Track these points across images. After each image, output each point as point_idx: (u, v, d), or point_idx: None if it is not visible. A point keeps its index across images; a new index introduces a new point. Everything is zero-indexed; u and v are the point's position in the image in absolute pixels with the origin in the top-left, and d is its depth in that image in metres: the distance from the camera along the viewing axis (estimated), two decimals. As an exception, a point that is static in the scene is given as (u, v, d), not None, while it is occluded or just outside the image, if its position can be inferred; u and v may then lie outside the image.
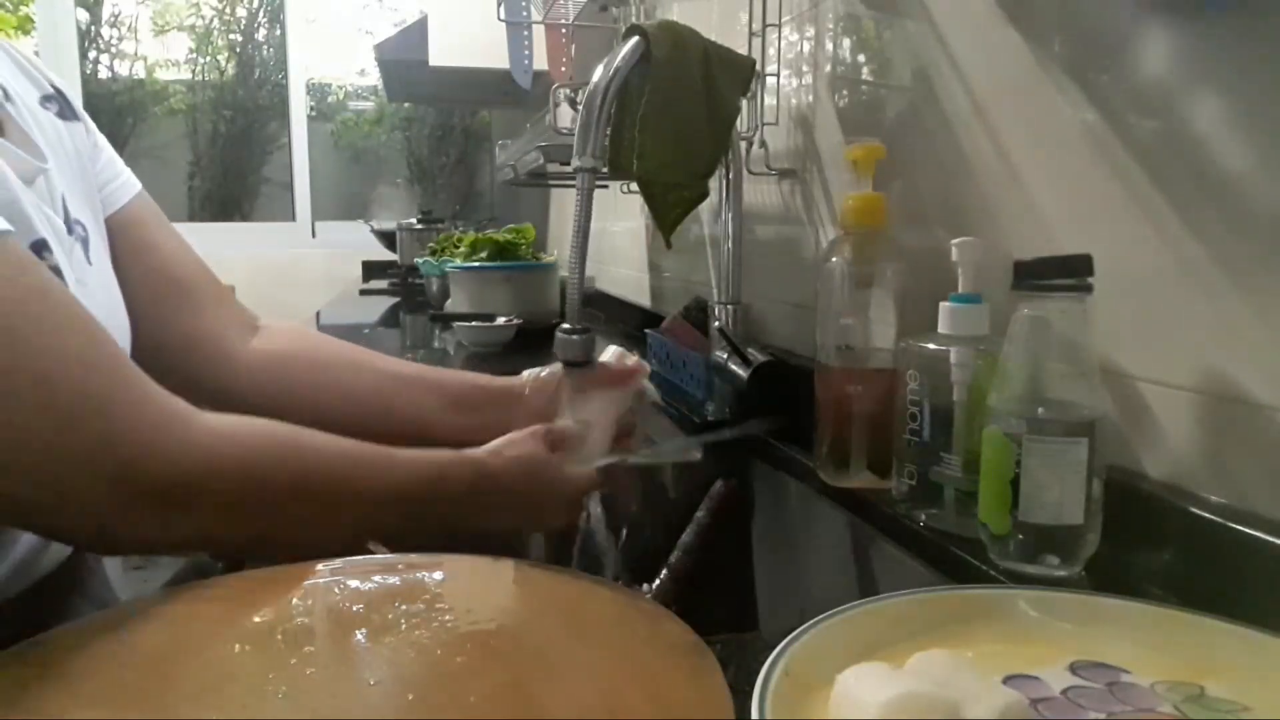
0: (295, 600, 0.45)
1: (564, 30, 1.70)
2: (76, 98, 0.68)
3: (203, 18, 4.49)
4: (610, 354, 0.75)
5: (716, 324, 0.97)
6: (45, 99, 0.63)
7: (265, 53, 4.50)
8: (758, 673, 0.34)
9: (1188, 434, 0.50)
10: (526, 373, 0.76)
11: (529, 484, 0.60)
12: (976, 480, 0.52)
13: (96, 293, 0.59)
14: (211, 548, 0.49)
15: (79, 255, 0.58)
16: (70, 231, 0.58)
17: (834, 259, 0.69)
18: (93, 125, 0.69)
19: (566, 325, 0.71)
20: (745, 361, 0.89)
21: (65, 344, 0.44)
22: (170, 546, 0.50)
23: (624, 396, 0.72)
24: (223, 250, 3.84)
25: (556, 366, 0.74)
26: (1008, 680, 0.36)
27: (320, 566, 0.50)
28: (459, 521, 0.58)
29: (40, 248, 0.52)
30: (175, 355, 0.70)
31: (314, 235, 4.04)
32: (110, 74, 4.29)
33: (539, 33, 1.87)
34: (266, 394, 0.72)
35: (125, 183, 0.70)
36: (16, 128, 0.57)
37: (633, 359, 0.74)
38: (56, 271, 0.52)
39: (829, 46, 0.90)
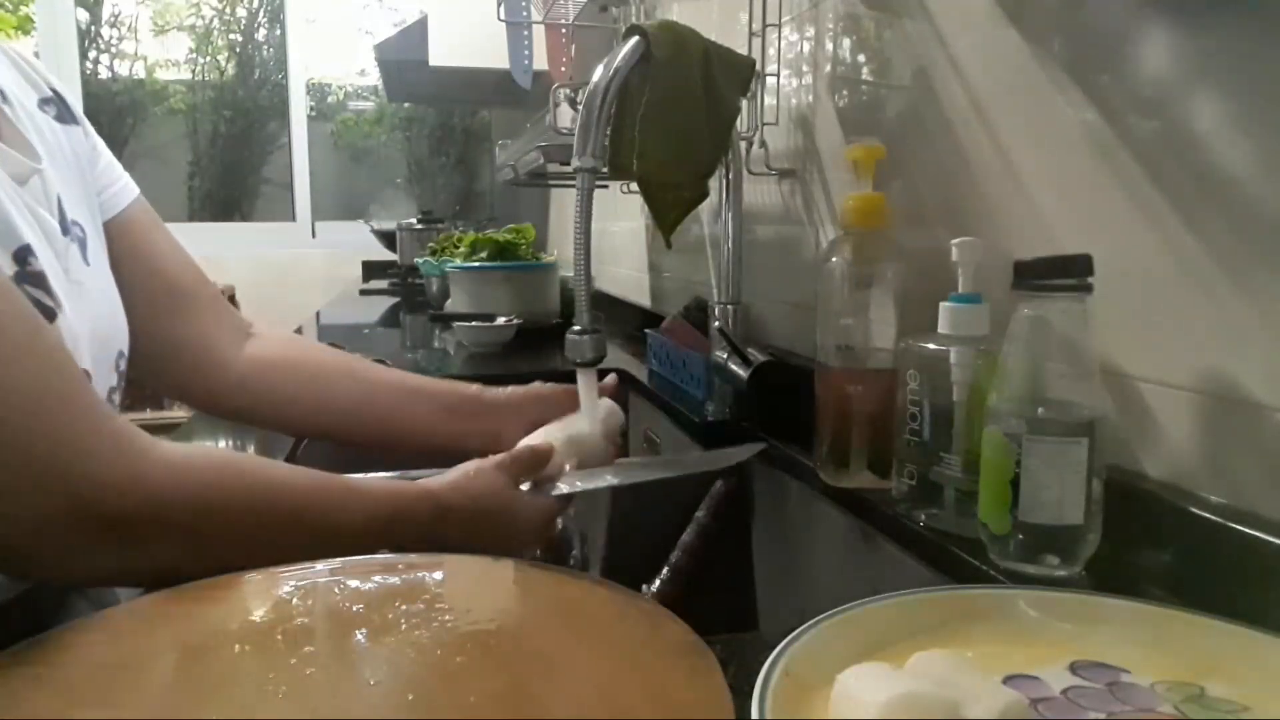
0: (295, 600, 0.45)
1: (564, 30, 1.70)
2: (76, 101, 0.68)
3: (203, 18, 4.49)
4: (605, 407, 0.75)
5: (716, 324, 0.97)
6: (44, 102, 0.63)
7: (265, 53, 4.50)
8: (758, 673, 0.34)
9: (1188, 434, 0.50)
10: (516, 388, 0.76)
11: (490, 520, 0.60)
12: (976, 480, 0.52)
13: (93, 293, 0.59)
14: (171, 580, 0.47)
15: (75, 256, 0.58)
16: (66, 232, 0.58)
17: (834, 259, 0.69)
18: (91, 129, 0.69)
19: (576, 326, 0.71)
20: (745, 361, 0.89)
21: (14, 377, 0.43)
22: (128, 578, 0.49)
23: (607, 416, 0.72)
24: (223, 250, 3.87)
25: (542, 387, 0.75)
26: (1008, 680, 0.36)
27: (320, 566, 0.50)
28: (423, 548, 0.57)
29: (25, 253, 0.51)
30: (168, 361, 0.70)
31: (314, 235, 4.05)
32: (110, 74, 4.29)
33: (539, 33, 1.87)
34: (258, 401, 0.73)
35: (124, 187, 0.70)
36: (13, 129, 0.57)
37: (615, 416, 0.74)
38: (39, 278, 0.51)
39: (829, 46, 0.90)
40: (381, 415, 0.74)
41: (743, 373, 0.89)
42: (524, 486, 0.63)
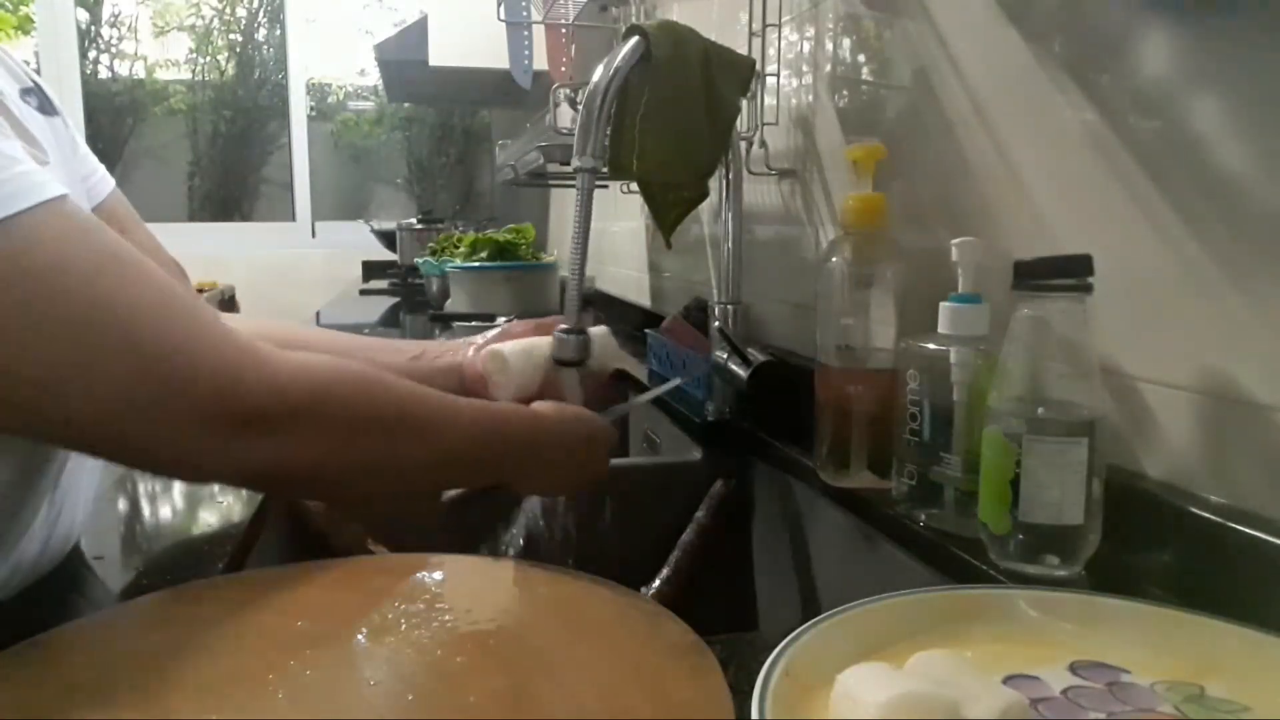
0: (296, 601, 0.45)
1: (564, 30, 1.70)
2: (53, 91, 0.68)
3: (203, 18, 4.49)
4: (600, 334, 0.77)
5: (716, 324, 0.97)
6: (25, 92, 0.63)
7: (265, 53, 4.50)
8: (758, 673, 0.34)
9: (1188, 434, 0.50)
10: (473, 344, 0.77)
11: (578, 439, 0.63)
12: (976, 480, 0.52)
13: None
14: (311, 479, 0.51)
15: None
16: None
17: (834, 259, 0.69)
18: (69, 119, 0.69)
19: (564, 326, 0.71)
20: (745, 361, 0.89)
21: (142, 296, 0.46)
22: (268, 476, 0.51)
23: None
24: (223, 250, 3.87)
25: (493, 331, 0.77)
26: (1008, 680, 0.36)
27: (320, 566, 0.50)
28: (517, 470, 0.60)
29: None
30: None
31: (314, 235, 4.05)
32: (110, 74, 4.29)
33: (539, 33, 1.87)
34: None
35: (102, 178, 0.71)
36: (19, 125, 0.58)
37: (609, 346, 0.77)
38: None
39: (829, 46, 0.90)
40: None
41: (743, 373, 0.89)
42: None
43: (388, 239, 3.19)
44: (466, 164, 4.66)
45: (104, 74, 4.26)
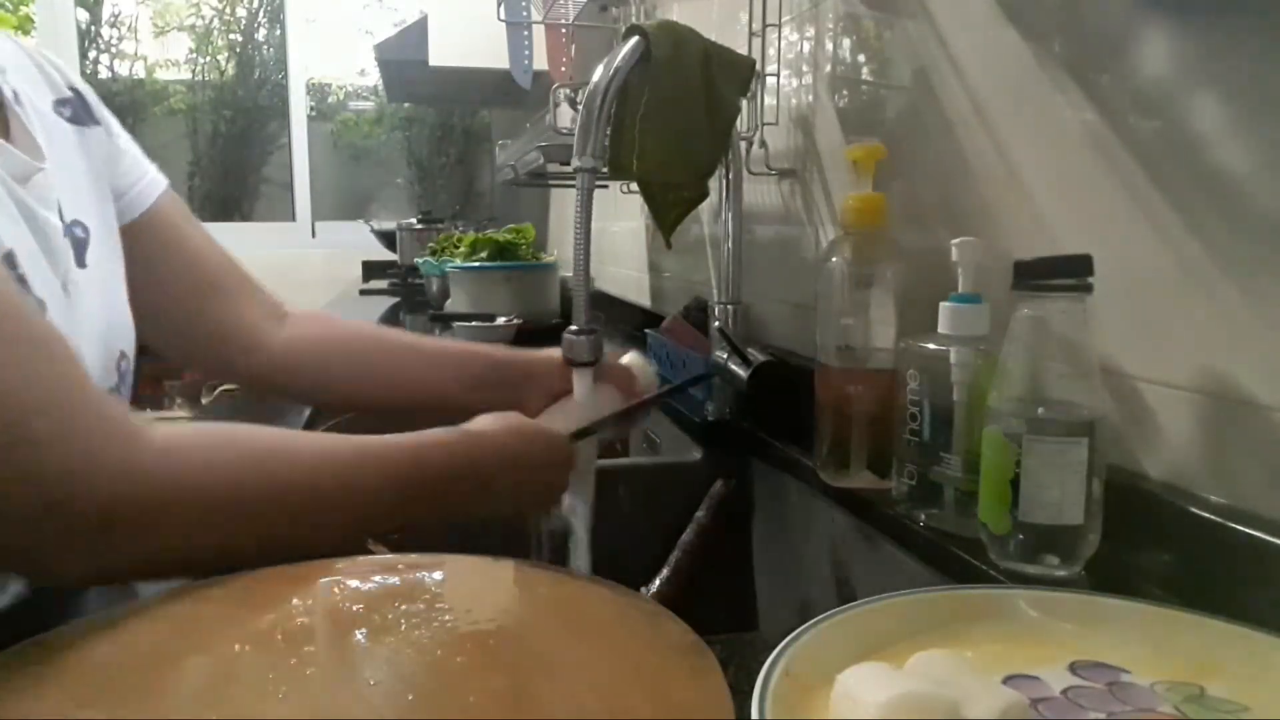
0: (295, 600, 0.45)
1: (564, 30, 1.70)
2: (98, 100, 0.68)
3: (203, 18, 4.49)
4: (631, 359, 0.77)
5: (716, 324, 0.97)
6: (60, 103, 0.64)
7: (265, 53, 4.50)
8: (758, 673, 0.34)
9: (1188, 434, 0.50)
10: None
11: (512, 459, 0.59)
12: (976, 480, 0.52)
13: (87, 295, 0.59)
14: (179, 570, 0.46)
15: (69, 257, 0.58)
16: (66, 233, 0.58)
17: (834, 259, 0.69)
18: (116, 128, 0.70)
19: (574, 326, 0.71)
20: (745, 361, 0.89)
21: None
22: (138, 573, 0.47)
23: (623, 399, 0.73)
24: (223, 250, 3.83)
25: (631, 357, 0.78)
26: (1008, 680, 0.36)
27: (320, 566, 0.50)
28: (458, 498, 0.56)
29: (10, 259, 0.50)
30: (210, 347, 0.74)
31: (314, 235, 4.05)
32: (110, 74, 4.29)
33: (539, 33, 1.87)
34: (298, 379, 0.76)
35: (151, 180, 0.71)
36: (22, 128, 0.58)
37: (645, 375, 0.77)
38: (21, 280, 0.50)
39: (829, 46, 0.90)
40: (411, 387, 0.77)
41: (743, 373, 0.89)
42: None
43: (388, 239, 3.19)
44: (466, 164, 4.66)
45: (104, 74, 4.26)
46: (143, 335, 0.67)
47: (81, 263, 0.59)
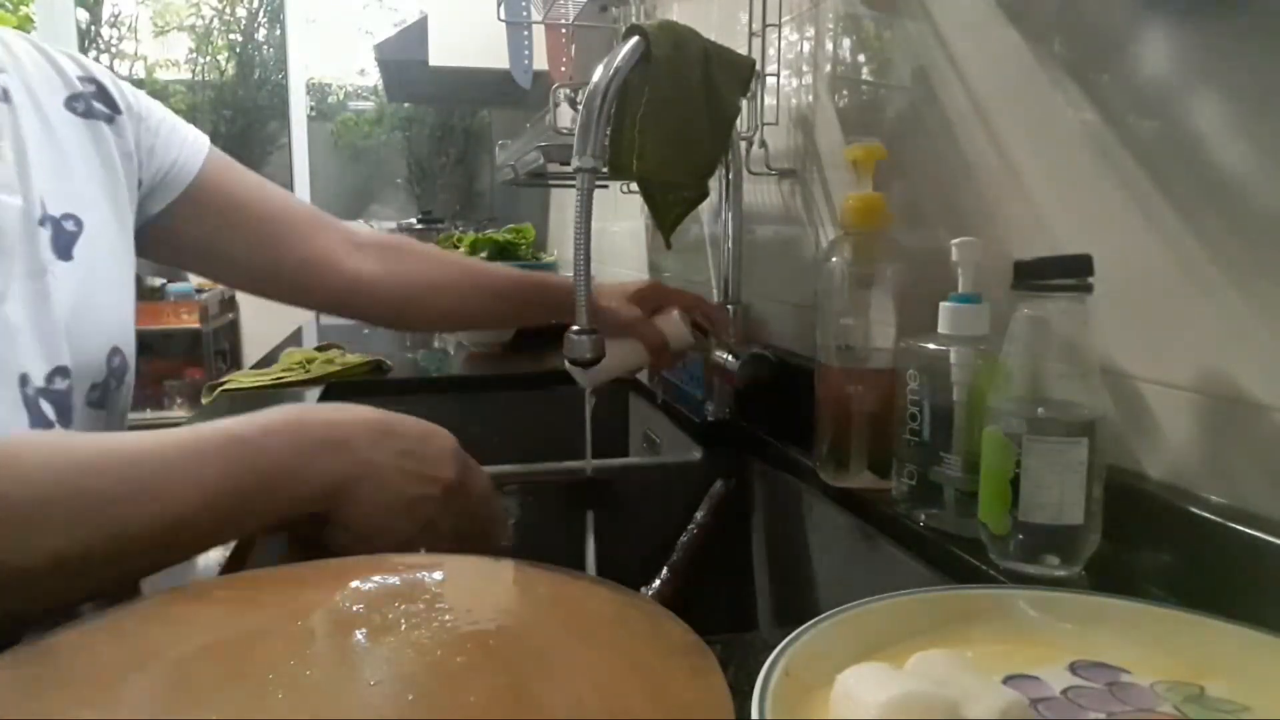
0: (295, 601, 0.45)
1: (564, 30, 1.69)
2: (120, 92, 0.69)
3: (203, 18, 4.49)
4: (668, 320, 0.86)
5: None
6: (73, 98, 0.64)
7: (265, 53, 4.50)
8: (758, 673, 0.34)
9: (1188, 434, 0.50)
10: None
11: (383, 414, 0.51)
12: (976, 480, 0.52)
13: (67, 287, 0.59)
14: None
15: (45, 247, 0.58)
16: (43, 223, 0.58)
17: (834, 259, 0.69)
18: (146, 107, 0.71)
19: (575, 326, 0.71)
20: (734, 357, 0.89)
21: None
22: None
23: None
24: (223, 250, 3.83)
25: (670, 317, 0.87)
26: (1008, 680, 0.36)
27: (320, 567, 0.50)
28: (308, 473, 0.47)
29: None
30: (294, 279, 0.81)
31: (314, 235, 4.04)
32: (110, 74, 4.28)
33: (539, 33, 1.87)
34: (373, 305, 0.85)
35: (193, 151, 0.75)
36: (7, 125, 0.58)
37: (678, 338, 0.85)
38: None
39: (829, 46, 0.90)
40: (471, 313, 0.92)
41: (734, 364, 0.88)
42: None
43: (387, 239, 3.19)
44: (466, 164, 4.66)
45: (104, 74, 4.25)
46: (229, 282, 0.82)
47: (67, 255, 0.59)
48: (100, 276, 0.63)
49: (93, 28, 4.22)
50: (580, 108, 0.78)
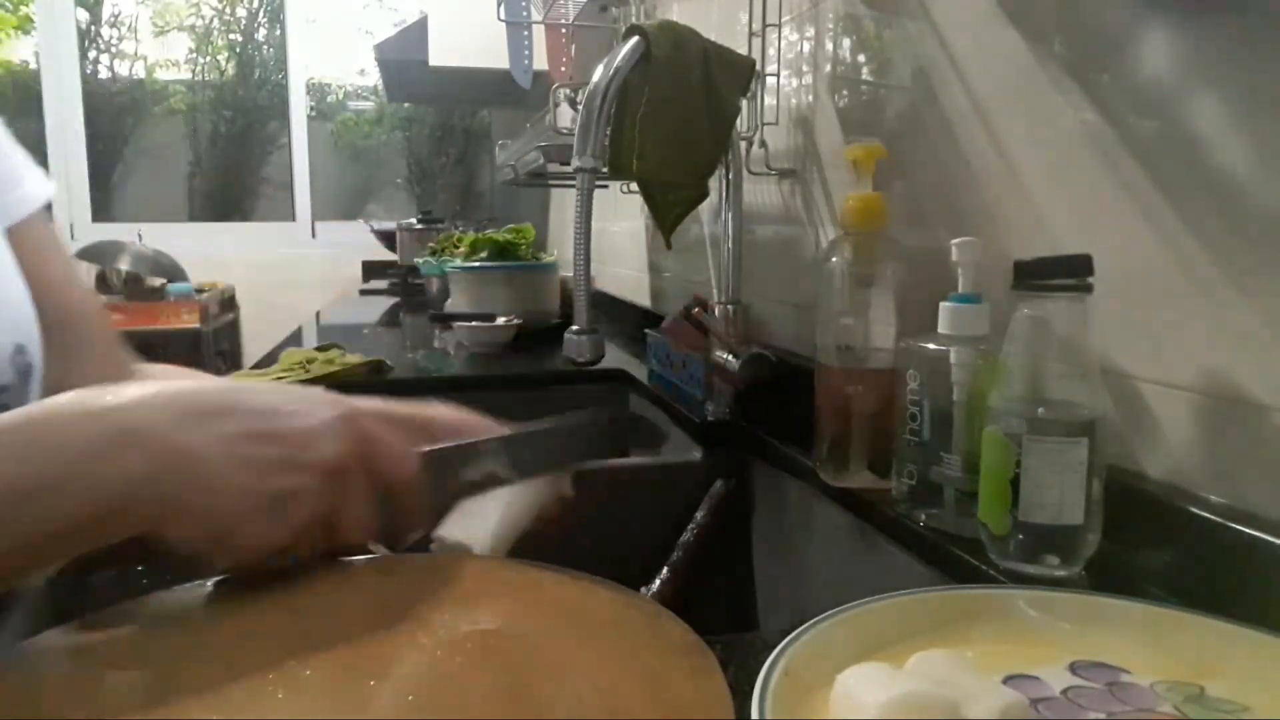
0: (295, 600, 0.45)
1: (564, 30, 1.69)
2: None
3: (203, 18, 4.49)
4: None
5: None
6: None
7: (265, 53, 4.50)
8: (758, 673, 0.34)
9: (1188, 434, 0.50)
10: None
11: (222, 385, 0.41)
12: (976, 480, 0.52)
13: None
14: None
15: None
16: None
17: (834, 259, 0.69)
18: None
19: (575, 326, 0.71)
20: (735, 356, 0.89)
21: None
22: None
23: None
24: (223, 250, 3.86)
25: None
26: (1008, 680, 0.36)
27: (320, 567, 0.49)
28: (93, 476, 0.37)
29: None
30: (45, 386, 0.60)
31: (314, 235, 4.05)
32: (110, 74, 4.29)
33: (539, 33, 1.87)
34: None
35: (22, 198, 0.63)
36: None
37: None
38: None
39: (829, 46, 0.90)
40: None
41: (734, 364, 0.89)
42: None
43: (388, 239, 3.19)
44: (466, 164, 4.66)
45: (104, 74, 4.25)
46: None
47: None
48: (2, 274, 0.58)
49: (93, 28, 4.22)
50: (580, 108, 0.78)
